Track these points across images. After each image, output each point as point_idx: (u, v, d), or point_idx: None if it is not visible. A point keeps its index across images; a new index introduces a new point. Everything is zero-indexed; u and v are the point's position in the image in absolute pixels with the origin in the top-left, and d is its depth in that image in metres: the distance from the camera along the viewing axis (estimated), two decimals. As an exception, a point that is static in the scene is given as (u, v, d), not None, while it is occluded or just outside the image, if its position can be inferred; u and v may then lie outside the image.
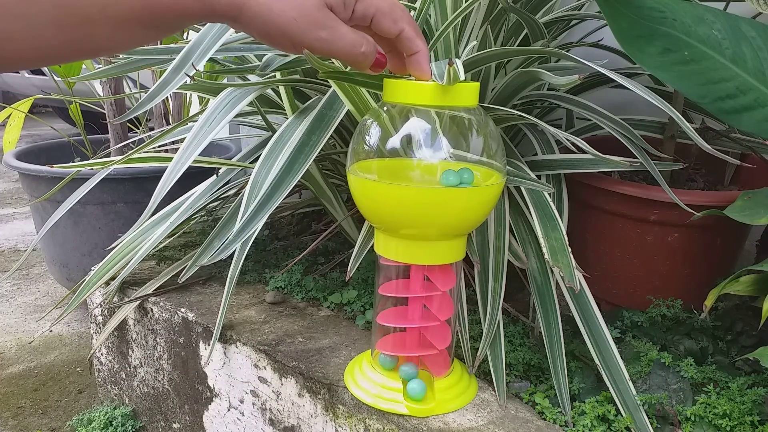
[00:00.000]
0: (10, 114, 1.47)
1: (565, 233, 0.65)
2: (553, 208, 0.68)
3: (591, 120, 0.73)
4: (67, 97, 1.42)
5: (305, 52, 0.44)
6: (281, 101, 0.83)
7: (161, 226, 0.84)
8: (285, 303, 0.85)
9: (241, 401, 0.77)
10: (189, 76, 0.72)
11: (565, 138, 0.63)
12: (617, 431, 0.58)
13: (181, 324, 0.82)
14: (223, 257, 0.67)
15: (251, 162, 0.85)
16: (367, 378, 0.63)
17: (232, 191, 0.91)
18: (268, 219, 0.70)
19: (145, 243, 0.83)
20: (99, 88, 1.53)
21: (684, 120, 0.60)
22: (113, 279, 0.88)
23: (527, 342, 0.71)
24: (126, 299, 0.89)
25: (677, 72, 0.59)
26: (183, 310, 0.82)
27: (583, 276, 0.65)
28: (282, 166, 0.67)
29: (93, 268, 0.89)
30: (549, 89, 0.87)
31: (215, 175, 0.88)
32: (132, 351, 0.94)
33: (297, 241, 1.01)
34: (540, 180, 0.71)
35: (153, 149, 0.91)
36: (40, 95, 1.56)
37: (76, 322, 1.45)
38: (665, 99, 0.61)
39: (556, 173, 0.76)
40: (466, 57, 0.68)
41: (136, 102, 0.97)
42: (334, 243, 0.98)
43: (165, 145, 1.29)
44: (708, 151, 0.63)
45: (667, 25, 0.60)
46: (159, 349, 0.88)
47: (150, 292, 0.86)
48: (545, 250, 0.63)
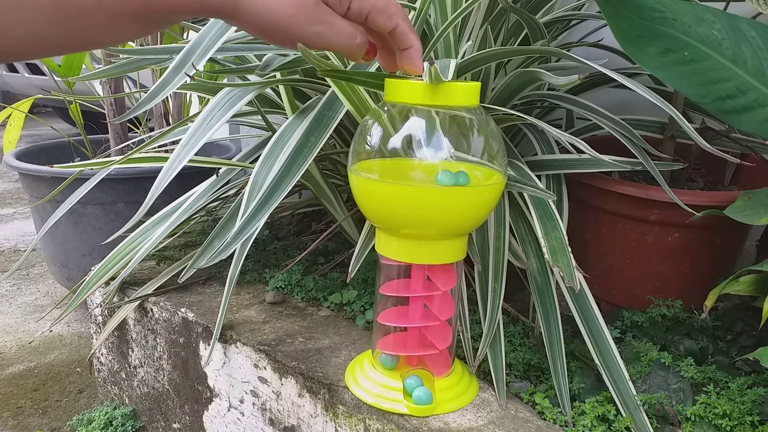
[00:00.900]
0: (10, 114, 1.47)
1: (565, 233, 0.65)
2: (553, 208, 0.68)
3: (591, 120, 0.73)
4: (67, 97, 1.42)
5: (299, 46, 0.44)
6: (281, 101, 0.83)
7: (161, 226, 0.84)
8: (285, 303, 0.85)
9: (241, 401, 0.77)
10: (189, 75, 0.72)
11: (565, 139, 0.63)
12: (617, 431, 0.58)
13: (181, 324, 0.82)
14: (223, 257, 0.67)
15: (251, 162, 0.85)
16: (369, 378, 0.63)
17: (232, 191, 0.91)
18: (268, 219, 0.71)
19: (145, 243, 0.83)
20: (99, 87, 1.53)
21: (684, 120, 0.60)
22: (113, 279, 0.88)
23: (527, 342, 0.71)
24: (126, 299, 0.89)
25: (677, 72, 0.59)
26: (183, 310, 0.82)
27: (583, 276, 0.65)
28: (282, 166, 0.68)
29: (93, 268, 0.89)
30: (549, 89, 0.87)
31: (215, 175, 0.88)
32: (132, 351, 0.94)
33: (297, 241, 1.01)
34: (541, 181, 0.71)
35: (153, 149, 0.91)
36: (40, 95, 1.55)
37: (76, 322, 1.45)
38: (665, 99, 0.61)
39: (556, 173, 0.76)
40: (465, 57, 0.68)
41: (136, 102, 0.97)
42: (334, 243, 0.98)
43: (165, 145, 1.29)
44: (708, 151, 0.63)
45: (667, 25, 0.60)
46: (159, 349, 0.88)
47: (150, 292, 0.86)
48: (545, 250, 0.63)
